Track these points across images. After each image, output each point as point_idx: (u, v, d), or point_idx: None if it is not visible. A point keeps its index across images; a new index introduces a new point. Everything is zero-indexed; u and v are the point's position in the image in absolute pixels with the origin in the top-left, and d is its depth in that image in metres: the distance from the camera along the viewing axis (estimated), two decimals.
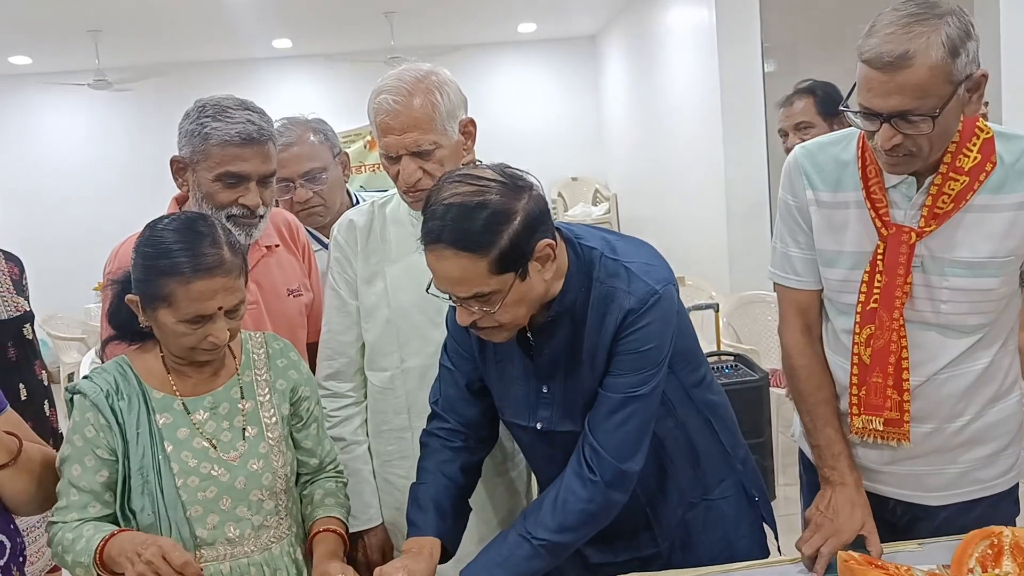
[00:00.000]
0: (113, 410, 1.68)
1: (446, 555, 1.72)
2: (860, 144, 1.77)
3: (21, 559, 1.68)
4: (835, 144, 1.84)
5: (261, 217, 2.04)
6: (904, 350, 1.73)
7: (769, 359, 4.79)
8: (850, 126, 1.78)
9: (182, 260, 1.62)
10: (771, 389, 4.39)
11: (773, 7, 6.17)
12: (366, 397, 2.14)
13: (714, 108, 6.39)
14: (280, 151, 2.38)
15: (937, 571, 1.55)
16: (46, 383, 3.93)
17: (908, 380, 1.74)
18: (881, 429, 1.77)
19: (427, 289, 1.59)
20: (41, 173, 9.70)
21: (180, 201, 2.15)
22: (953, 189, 1.67)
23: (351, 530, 2.07)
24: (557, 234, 1.62)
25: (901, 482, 1.85)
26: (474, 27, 9.31)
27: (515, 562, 1.63)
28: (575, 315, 1.65)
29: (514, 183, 1.55)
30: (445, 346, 1.85)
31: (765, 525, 1.95)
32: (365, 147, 7.87)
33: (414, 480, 1.83)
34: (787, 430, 3.76)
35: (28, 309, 3.86)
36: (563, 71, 10.57)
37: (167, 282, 1.62)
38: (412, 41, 8.78)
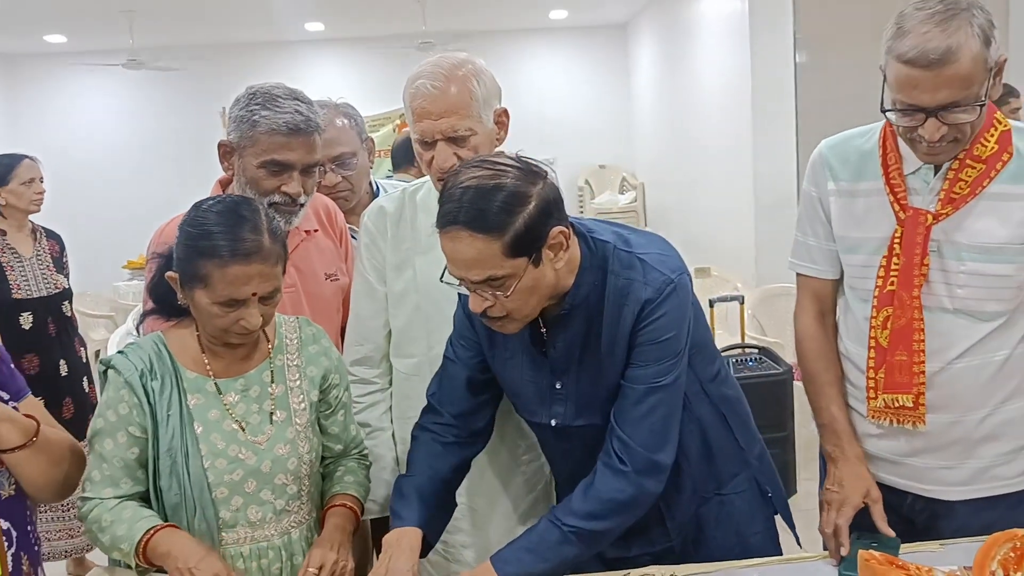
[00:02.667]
0: (146, 390, 1.69)
1: (427, 547, 1.73)
2: (882, 135, 1.83)
3: (36, 548, 1.67)
4: (859, 136, 1.90)
5: (301, 205, 2.07)
6: (921, 332, 1.76)
7: (793, 353, 4.76)
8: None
9: (221, 243, 1.63)
10: (795, 383, 4.37)
11: None
12: (391, 384, 2.15)
13: (744, 99, 6.35)
14: None
15: (958, 572, 1.54)
16: (85, 360, 4.01)
17: (924, 362, 1.77)
18: (909, 406, 1.78)
19: (441, 277, 1.60)
20: (72, 152, 9.78)
21: (224, 184, 2.18)
22: (970, 176, 1.73)
23: (375, 515, 2.09)
24: (570, 228, 1.62)
25: (919, 475, 1.86)
26: (506, 12, 9.29)
27: (545, 548, 1.63)
28: (589, 309, 1.66)
29: (530, 169, 1.57)
30: (450, 339, 1.86)
31: (781, 521, 1.95)
32: (394, 131, 7.90)
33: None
34: (809, 423, 3.75)
35: (67, 287, 3.96)
36: (593, 59, 10.54)
37: (205, 263, 1.63)
38: (443, 26, 8.78)
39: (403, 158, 3.76)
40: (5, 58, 10.02)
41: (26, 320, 3.73)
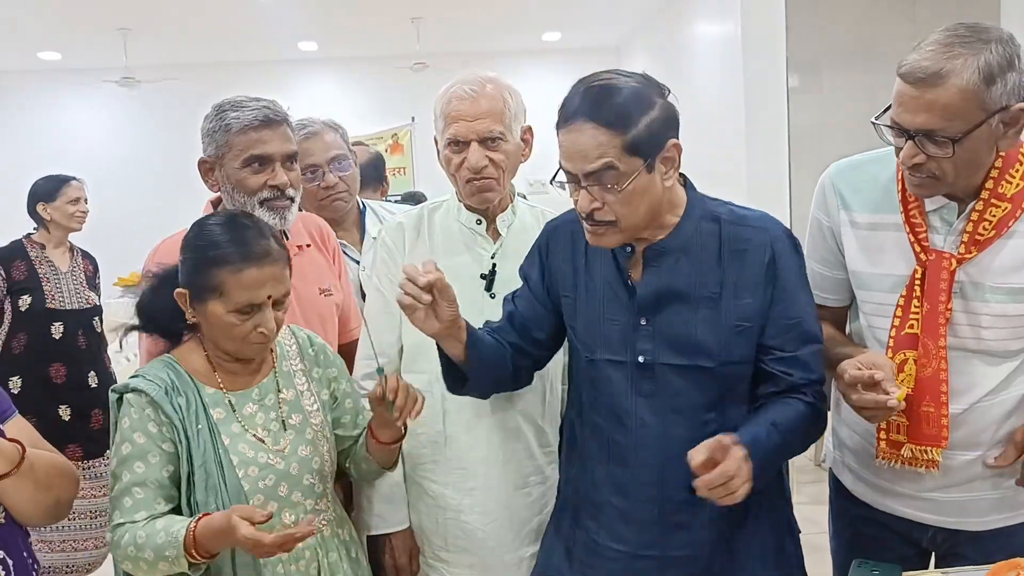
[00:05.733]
0: (173, 407, 1.70)
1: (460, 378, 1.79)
2: (899, 167, 1.74)
3: (33, 574, 1.63)
4: (874, 163, 1.82)
5: (291, 199, 2.10)
6: (947, 383, 1.70)
7: None
8: None
9: (231, 250, 1.68)
10: None
11: (799, 21, 6.15)
12: None
13: (737, 122, 6.37)
14: (305, 140, 2.59)
15: None
16: (115, 377, 4.07)
17: (948, 414, 1.71)
18: (939, 459, 1.73)
19: (551, 181, 1.64)
20: (66, 168, 9.61)
21: (215, 204, 2.20)
22: (995, 216, 1.65)
23: (378, 531, 2.08)
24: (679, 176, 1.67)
25: (942, 508, 1.81)
26: (499, 35, 9.32)
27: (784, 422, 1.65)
28: (690, 252, 1.67)
29: (654, 82, 1.62)
30: (512, 296, 1.89)
31: None
32: (387, 151, 7.91)
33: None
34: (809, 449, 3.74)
35: (98, 303, 4.10)
36: None
37: (218, 272, 1.67)
38: (437, 47, 8.81)
39: (371, 176, 3.75)
40: None
41: (57, 330, 3.83)
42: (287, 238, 2.19)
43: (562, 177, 1.63)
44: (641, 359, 1.70)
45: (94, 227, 3.55)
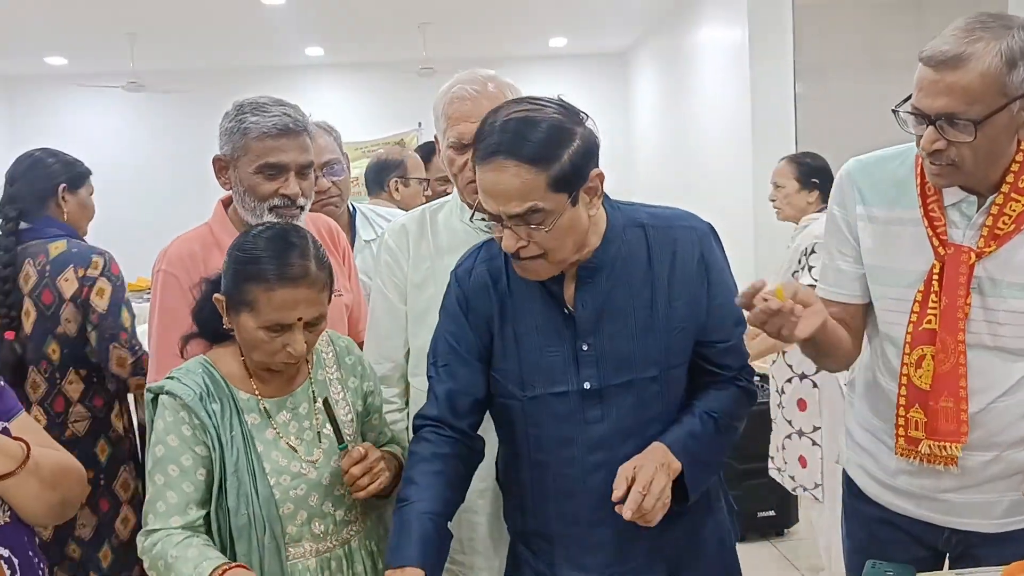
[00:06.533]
0: (207, 412, 1.69)
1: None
2: (918, 160, 1.73)
3: (40, 574, 1.61)
4: (892, 159, 1.81)
5: (301, 208, 2.08)
6: (965, 377, 1.68)
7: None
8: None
9: (269, 268, 1.65)
10: None
11: (806, 26, 6.14)
12: (407, 404, 2.13)
13: (744, 128, 6.36)
14: None
15: None
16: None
17: (967, 409, 1.69)
18: (959, 455, 1.71)
19: (471, 217, 1.59)
20: None
21: (226, 203, 2.18)
22: (1015, 210, 1.64)
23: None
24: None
25: (957, 510, 1.79)
26: (506, 40, 9.33)
27: (706, 437, 1.67)
28: (618, 266, 1.65)
29: (572, 109, 1.58)
30: (433, 362, 1.76)
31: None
32: None
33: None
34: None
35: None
36: (593, 87, 10.58)
37: (252, 287, 1.65)
38: (444, 53, 8.82)
39: (375, 183, 3.68)
40: (6, 80, 10.04)
41: None
42: None
43: (481, 214, 1.57)
44: (587, 385, 1.66)
45: (99, 231, 3.50)
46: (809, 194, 3.87)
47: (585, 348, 1.65)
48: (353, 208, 2.86)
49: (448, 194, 2.17)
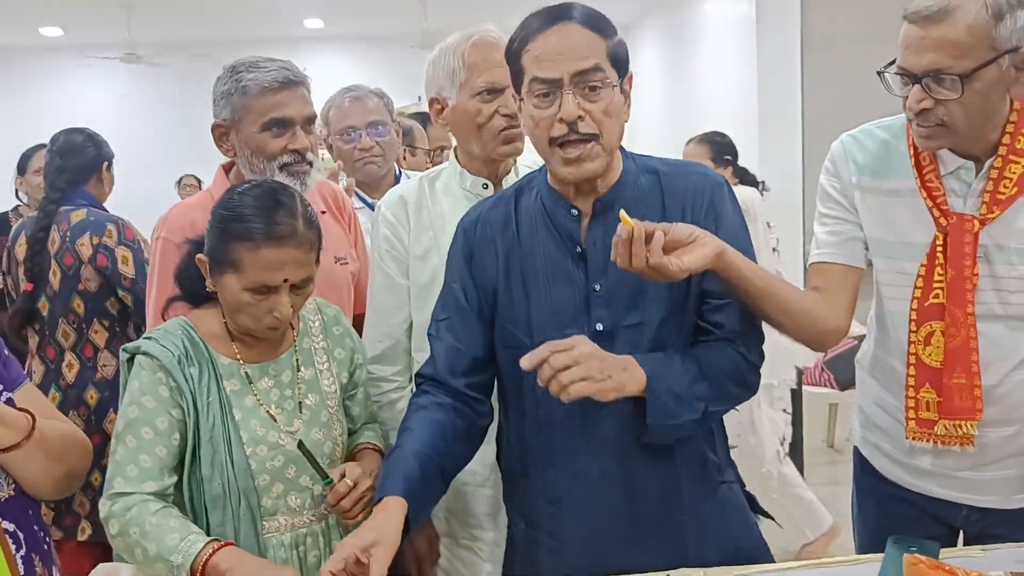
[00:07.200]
0: (185, 376, 1.63)
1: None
2: (910, 130, 1.70)
3: (46, 547, 1.56)
4: (885, 130, 1.77)
5: (311, 164, 2.04)
6: (977, 351, 1.64)
7: (801, 356, 4.71)
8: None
9: (255, 226, 1.59)
10: (804, 387, 4.31)
11: (814, 0, 6.08)
12: (411, 380, 2.07)
13: (750, 102, 6.31)
14: (348, 102, 2.85)
15: None
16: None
17: (980, 384, 1.64)
18: (974, 433, 1.66)
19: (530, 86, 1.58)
20: None
21: (227, 168, 2.13)
22: (1015, 172, 1.60)
23: None
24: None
25: (977, 487, 1.75)
26: (507, 11, 9.18)
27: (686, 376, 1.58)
28: (636, 205, 1.60)
29: None
30: (436, 317, 1.74)
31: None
32: None
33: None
34: (817, 431, 3.69)
35: None
36: None
37: (237, 247, 1.59)
38: (444, 24, 8.70)
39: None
40: (1, 51, 9.94)
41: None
42: None
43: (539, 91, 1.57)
44: (600, 327, 1.62)
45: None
46: (724, 170, 3.99)
47: (597, 288, 1.62)
48: (399, 172, 2.91)
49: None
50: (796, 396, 4.21)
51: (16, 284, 3.00)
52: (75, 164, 3.05)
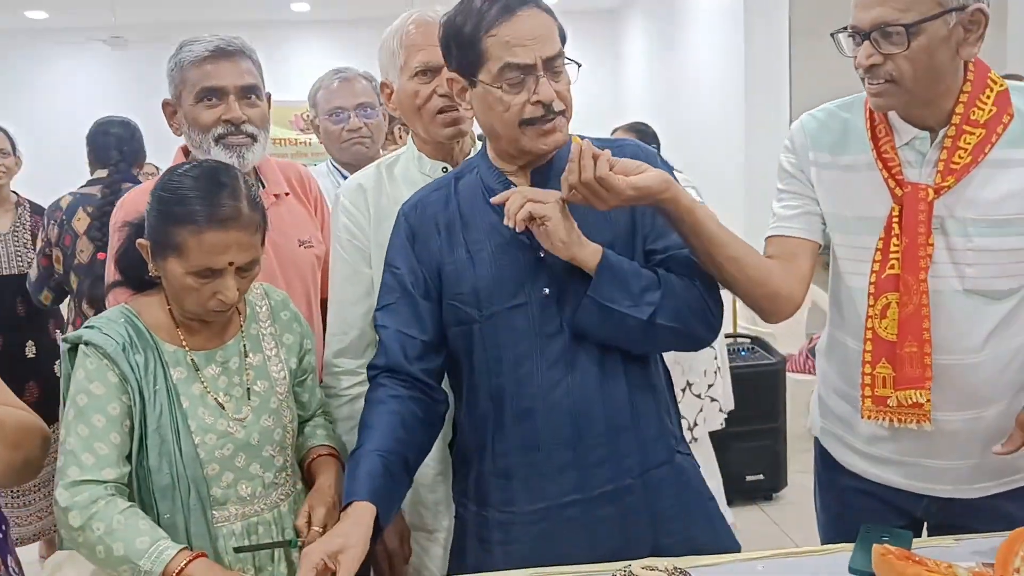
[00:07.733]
0: (130, 365, 1.60)
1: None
2: (867, 105, 1.72)
3: (1, 536, 1.55)
4: (842, 109, 1.79)
5: (252, 138, 2.02)
6: (927, 319, 1.64)
7: (786, 343, 4.73)
8: None
9: (197, 209, 1.55)
10: (788, 374, 4.33)
11: None
12: None
13: (738, 88, 6.30)
14: (336, 84, 2.95)
15: (979, 569, 1.47)
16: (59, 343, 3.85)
17: (931, 353, 1.64)
18: (923, 402, 1.65)
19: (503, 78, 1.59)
20: (52, 128, 9.59)
21: (186, 151, 2.12)
22: (969, 143, 1.61)
23: None
24: None
25: (936, 476, 1.75)
26: None
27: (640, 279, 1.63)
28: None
29: None
30: (382, 308, 1.74)
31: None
32: None
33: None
34: (801, 415, 3.69)
35: None
36: (582, 44, 10.37)
37: (179, 230, 1.55)
38: (430, 8, 8.66)
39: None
40: None
41: None
42: (263, 186, 2.11)
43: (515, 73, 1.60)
44: (547, 291, 1.65)
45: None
46: None
47: (543, 255, 1.64)
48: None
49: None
50: (775, 383, 4.22)
51: (66, 255, 3.20)
52: (135, 148, 3.59)
